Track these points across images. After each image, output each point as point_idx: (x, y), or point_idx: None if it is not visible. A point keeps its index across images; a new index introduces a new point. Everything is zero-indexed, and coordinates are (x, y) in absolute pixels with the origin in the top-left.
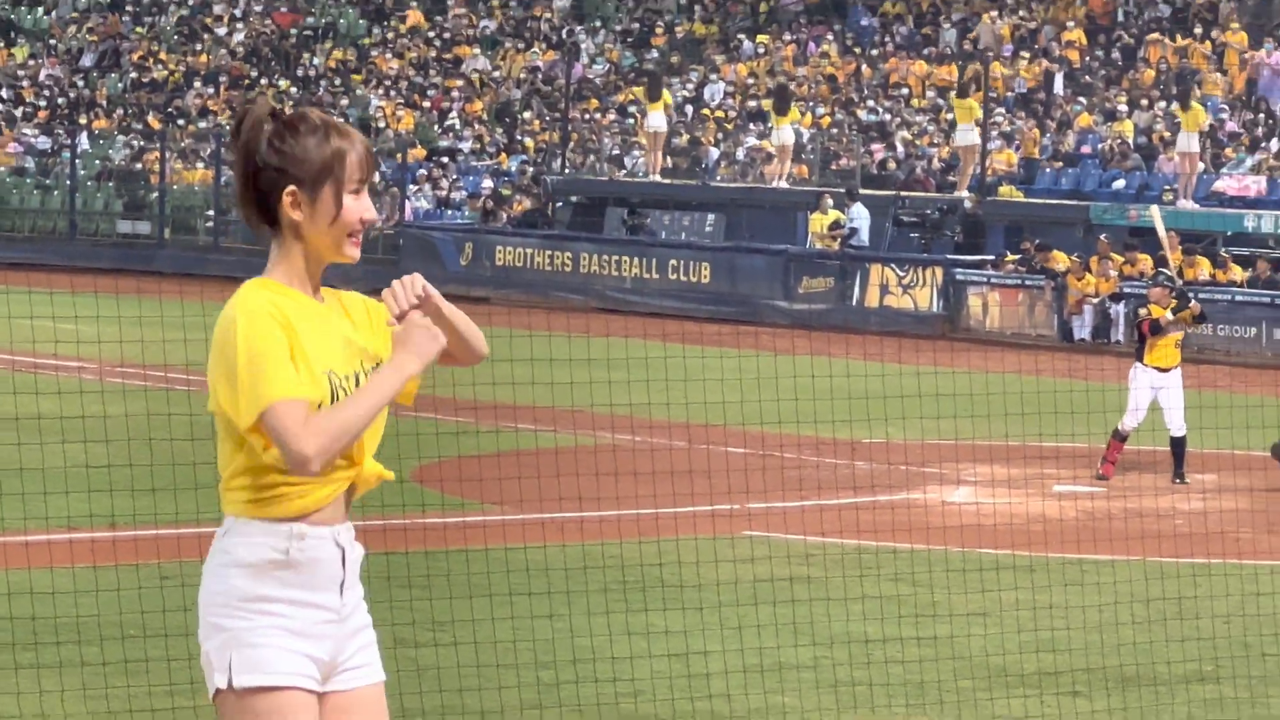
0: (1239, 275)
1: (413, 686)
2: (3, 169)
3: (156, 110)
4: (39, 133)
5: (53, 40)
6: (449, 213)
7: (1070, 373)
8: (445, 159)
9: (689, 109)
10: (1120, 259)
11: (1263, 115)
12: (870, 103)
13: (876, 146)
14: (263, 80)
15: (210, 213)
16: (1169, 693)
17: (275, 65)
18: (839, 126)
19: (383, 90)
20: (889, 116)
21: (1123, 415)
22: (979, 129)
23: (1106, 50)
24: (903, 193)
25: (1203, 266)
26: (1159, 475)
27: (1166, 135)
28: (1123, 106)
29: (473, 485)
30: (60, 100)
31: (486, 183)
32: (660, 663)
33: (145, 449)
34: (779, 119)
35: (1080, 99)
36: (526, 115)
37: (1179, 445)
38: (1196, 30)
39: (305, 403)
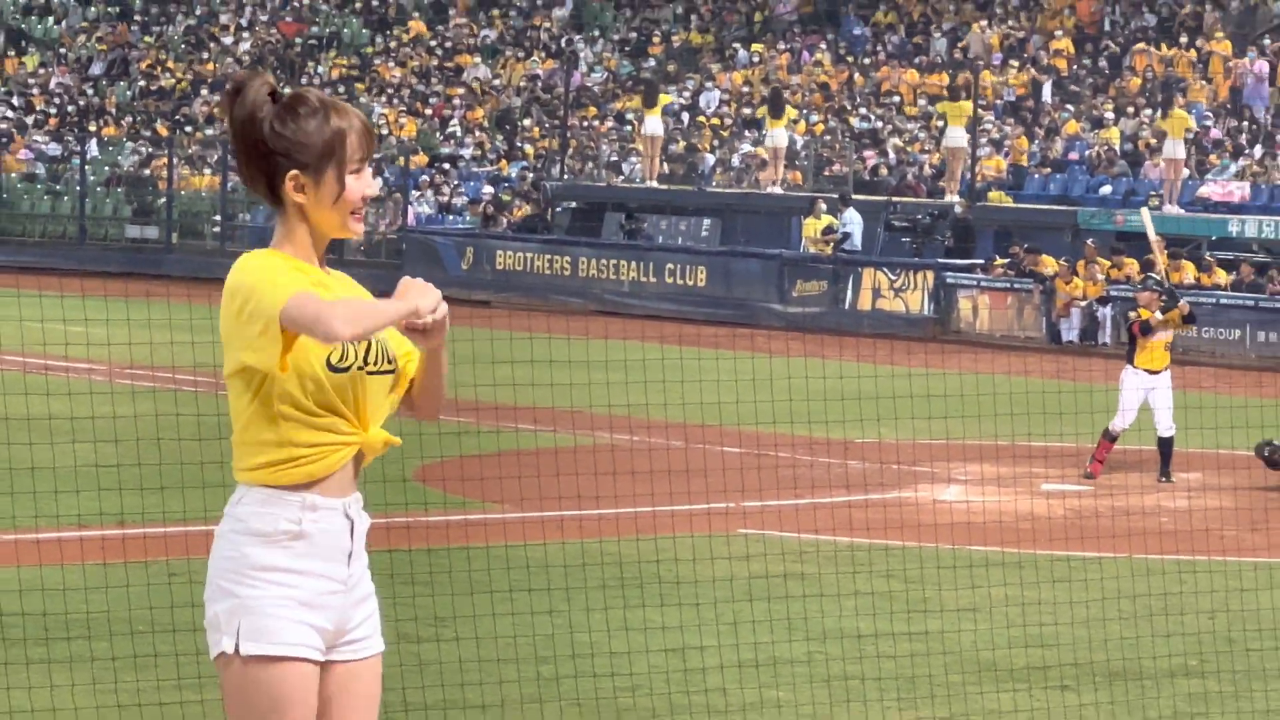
0: (1223, 279)
1: (415, 681)
2: (14, 175)
3: (164, 117)
4: (49, 139)
5: (63, 49)
6: (450, 218)
7: (1058, 374)
8: (447, 165)
9: (685, 116)
10: (1107, 263)
11: (1246, 122)
12: (862, 110)
13: (869, 153)
14: None
15: (217, 218)
16: (1155, 687)
17: (280, 74)
18: (832, 133)
19: (386, 98)
20: (881, 124)
21: (1113, 416)
22: (969, 135)
23: (1094, 59)
24: (894, 198)
25: (1188, 270)
26: (1145, 474)
27: (1153, 142)
28: (1109, 114)
29: (474, 484)
30: (70, 108)
31: (487, 188)
32: (657, 658)
33: (154, 449)
34: (773, 122)
35: (1068, 106)
36: (526, 122)
37: (1166, 445)
38: (1182, 39)
39: (318, 294)
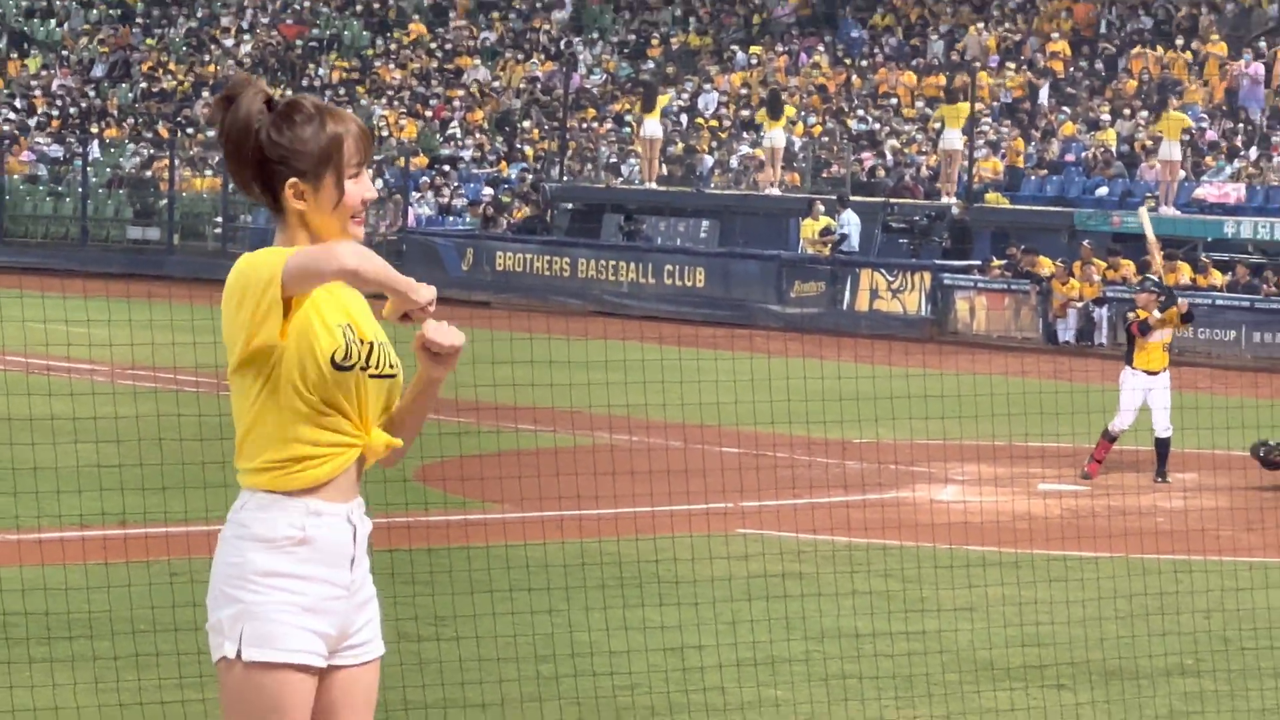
0: (1219, 280)
1: (415, 680)
2: (17, 177)
3: (166, 119)
4: (52, 141)
5: (65, 51)
6: (451, 219)
7: (1055, 374)
8: (447, 167)
9: (684, 118)
10: (1103, 264)
11: (1242, 124)
12: (860, 112)
13: (866, 155)
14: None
15: (218, 219)
16: (1150, 686)
17: (281, 76)
18: (830, 135)
19: (386, 100)
20: (878, 125)
21: (1114, 416)
22: (965, 136)
23: (1090, 61)
24: (892, 200)
25: (1184, 271)
26: (1142, 474)
27: (1149, 144)
28: (1106, 116)
29: (474, 484)
30: (72, 110)
31: (487, 190)
32: (656, 657)
33: (155, 449)
34: (771, 123)
35: (1065, 108)
36: (526, 124)
37: (1163, 445)
38: (1178, 41)
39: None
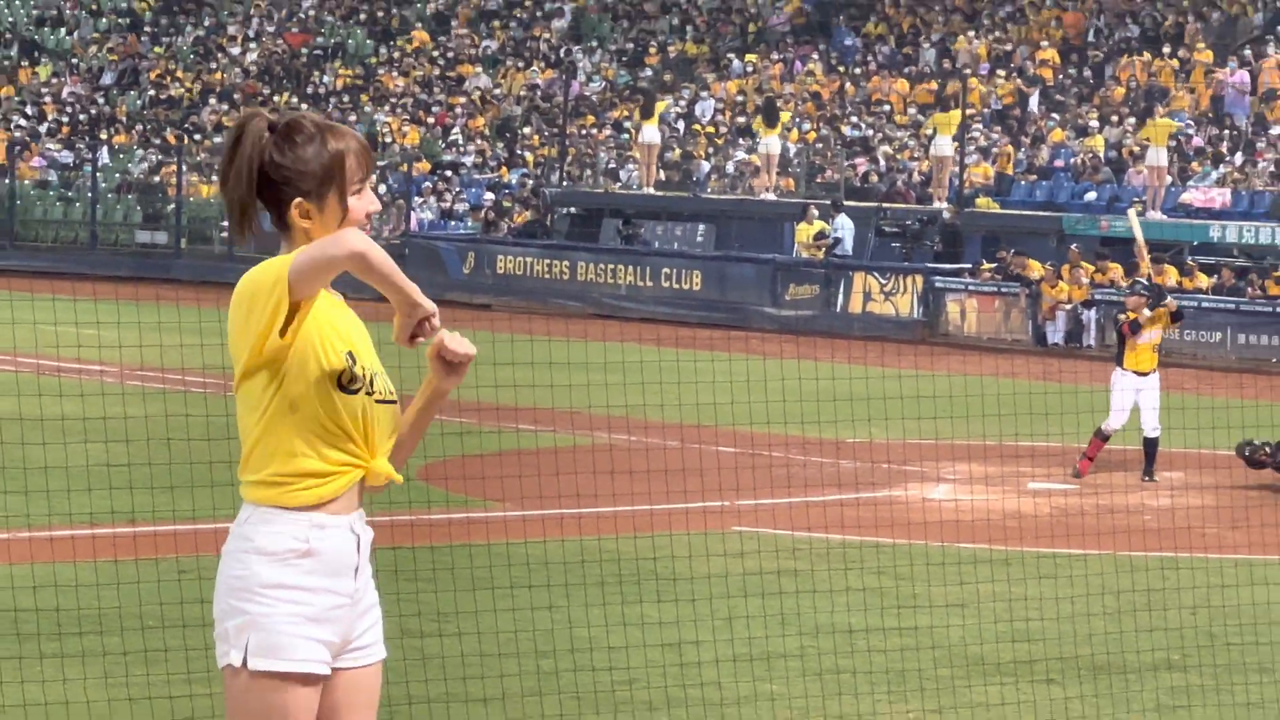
0: (1205, 283)
1: (419, 674)
2: (28, 182)
3: (173, 126)
4: (62, 147)
5: (75, 59)
6: (452, 223)
7: (1044, 375)
8: (449, 172)
9: (681, 125)
10: (1091, 267)
11: (1227, 130)
12: (854, 119)
13: (859, 160)
14: (275, 98)
15: (224, 224)
16: (1138, 680)
17: (287, 83)
18: (824, 141)
19: (389, 107)
20: (871, 132)
21: (1107, 416)
22: (956, 143)
23: (1079, 69)
24: (884, 204)
25: (1170, 275)
26: (1130, 473)
27: (1136, 149)
28: (1094, 122)
29: (476, 483)
30: (82, 117)
31: (488, 195)
32: (654, 652)
33: (164, 449)
34: (767, 130)
35: (1054, 115)
36: (526, 131)
37: (1151, 445)
38: (1164, 50)
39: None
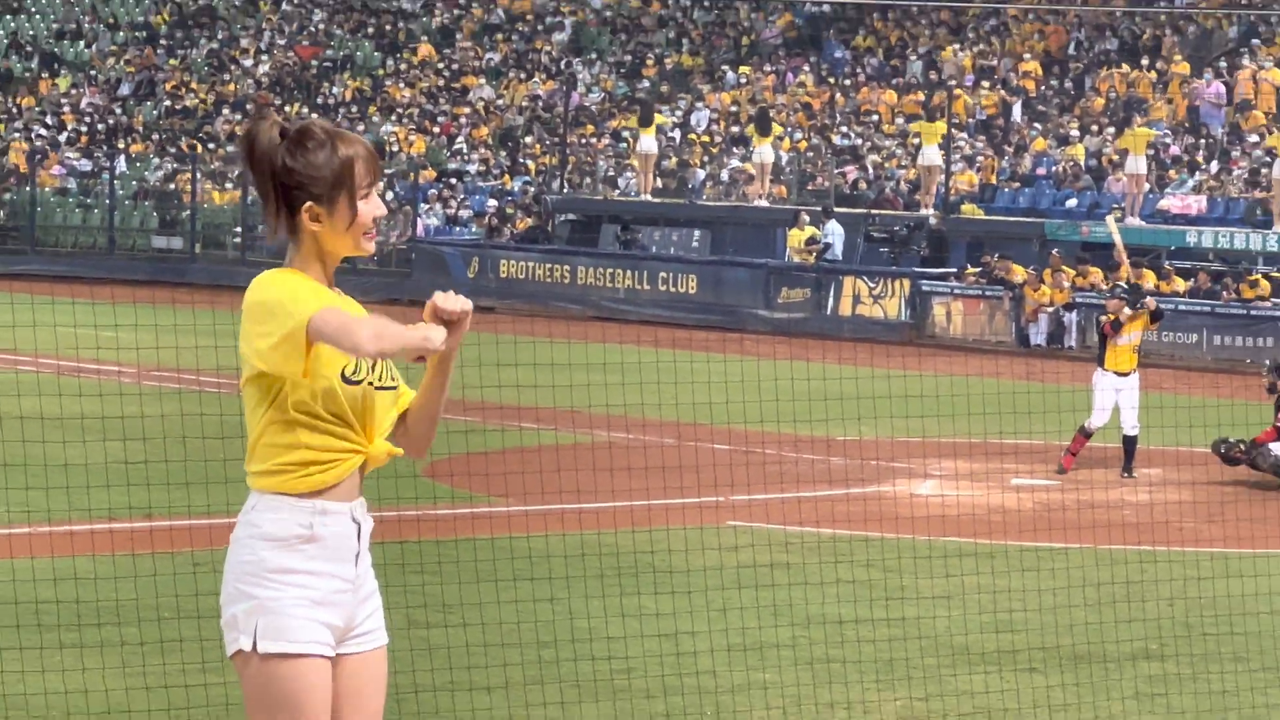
0: (1181, 286)
1: (424, 664)
2: (48, 189)
3: (188, 135)
4: (81, 156)
5: (93, 71)
6: (457, 229)
7: (1027, 375)
8: (454, 180)
9: (677, 134)
10: (1073, 271)
11: (1203, 139)
12: (843, 128)
13: (849, 168)
14: (286, 108)
15: (238, 229)
16: (1117, 669)
17: (297, 94)
18: (815, 150)
19: (396, 117)
20: (860, 141)
21: (1090, 414)
22: (943, 151)
23: (1060, 80)
24: (873, 211)
25: (1148, 278)
26: (1109, 470)
27: (1115, 158)
28: (1075, 131)
29: (479, 479)
30: (100, 126)
31: (491, 202)
32: (651, 642)
33: (179, 446)
34: (761, 139)
35: (1036, 125)
36: (528, 140)
37: (1130, 443)
38: (1143, 62)
39: (342, 309)
